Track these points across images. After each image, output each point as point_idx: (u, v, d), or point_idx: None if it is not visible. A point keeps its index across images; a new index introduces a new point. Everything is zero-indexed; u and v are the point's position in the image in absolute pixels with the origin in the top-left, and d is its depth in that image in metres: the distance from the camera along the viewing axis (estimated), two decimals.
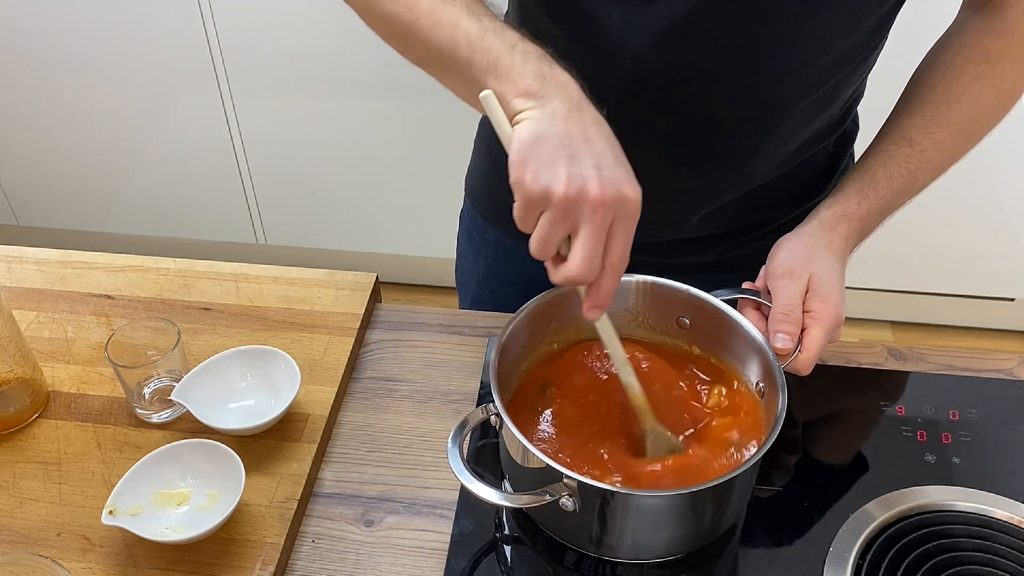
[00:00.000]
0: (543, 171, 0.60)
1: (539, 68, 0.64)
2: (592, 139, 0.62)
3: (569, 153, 0.61)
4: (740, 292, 0.80)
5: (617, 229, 0.62)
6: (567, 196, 0.60)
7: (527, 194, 0.61)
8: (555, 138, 0.61)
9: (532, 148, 0.61)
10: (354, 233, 2.25)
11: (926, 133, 0.81)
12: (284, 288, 0.99)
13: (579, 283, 0.63)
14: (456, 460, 0.67)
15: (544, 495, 0.65)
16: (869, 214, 0.82)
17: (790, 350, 0.74)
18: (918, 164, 0.82)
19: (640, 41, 0.76)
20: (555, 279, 0.64)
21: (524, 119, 0.63)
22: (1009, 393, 0.87)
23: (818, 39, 0.76)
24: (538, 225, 0.62)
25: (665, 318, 0.81)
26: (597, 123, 0.64)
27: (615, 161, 0.62)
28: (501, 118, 0.64)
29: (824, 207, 0.83)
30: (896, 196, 0.82)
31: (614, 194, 0.61)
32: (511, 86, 0.64)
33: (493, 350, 0.72)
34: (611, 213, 0.61)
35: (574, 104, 0.63)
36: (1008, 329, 2.22)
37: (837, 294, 0.77)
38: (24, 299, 0.98)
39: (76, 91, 2.05)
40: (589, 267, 0.62)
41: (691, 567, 0.73)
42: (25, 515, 0.76)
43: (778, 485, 0.78)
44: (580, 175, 0.60)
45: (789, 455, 0.82)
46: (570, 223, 0.61)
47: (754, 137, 0.83)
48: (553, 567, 0.74)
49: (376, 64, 1.90)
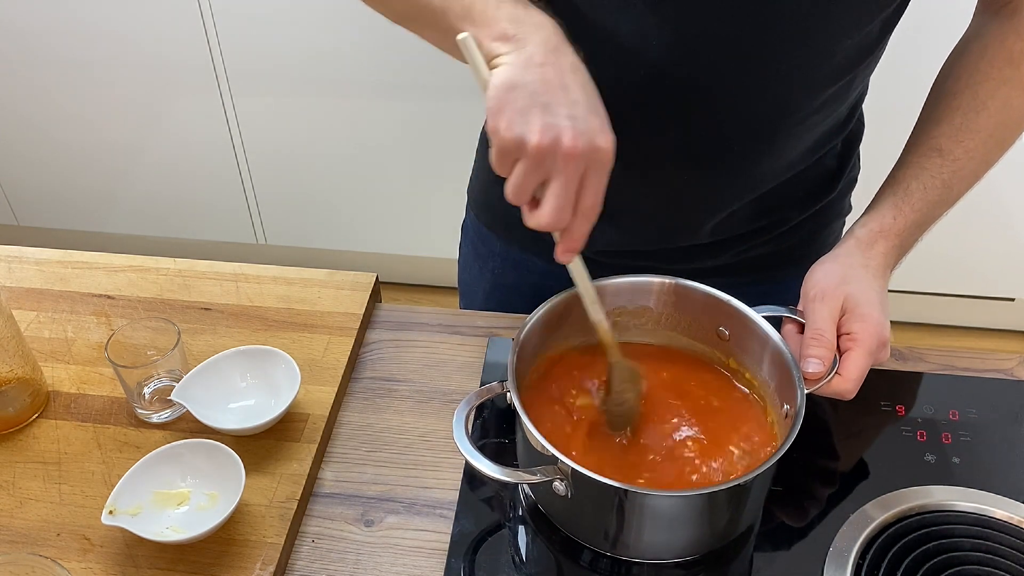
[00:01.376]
0: (517, 120, 0.61)
1: (513, 11, 0.64)
2: (568, 86, 0.62)
3: (544, 102, 0.61)
4: (784, 310, 0.79)
5: (589, 178, 0.63)
6: (540, 146, 0.60)
7: (501, 142, 0.61)
8: (530, 85, 0.61)
9: (507, 95, 0.61)
10: (354, 233, 2.25)
11: (956, 142, 0.80)
12: (284, 288, 0.99)
13: (551, 229, 0.64)
14: (460, 430, 0.68)
15: (536, 474, 0.67)
16: (906, 228, 0.80)
17: (821, 375, 0.73)
18: (951, 174, 0.80)
19: (653, 50, 0.76)
20: (528, 223, 0.65)
21: (500, 63, 0.63)
22: (1009, 393, 0.87)
23: (829, 40, 0.76)
24: (512, 173, 0.63)
25: (706, 325, 0.81)
26: (574, 68, 0.64)
27: (589, 110, 0.63)
28: (479, 62, 0.64)
29: (859, 225, 0.82)
30: (932, 208, 0.81)
31: (586, 144, 0.61)
32: (486, 30, 0.64)
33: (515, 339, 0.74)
34: (583, 163, 0.61)
35: (551, 47, 0.63)
36: (1008, 329, 2.22)
37: (877, 313, 0.75)
38: (24, 299, 0.98)
39: (76, 91, 2.05)
40: (560, 215, 0.63)
41: (698, 568, 0.73)
42: (25, 515, 0.76)
43: (778, 485, 0.78)
44: (553, 125, 0.60)
45: (789, 455, 0.81)
46: (543, 172, 0.62)
47: (767, 140, 0.83)
48: (556, 564, 0.74)
49: (376, 64, 1.90)
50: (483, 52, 0.64)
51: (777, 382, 0.76)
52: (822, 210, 0.95)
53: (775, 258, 0.96)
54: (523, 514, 0.77)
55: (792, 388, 0.72)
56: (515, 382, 0.70)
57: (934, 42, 0.87)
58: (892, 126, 1.02)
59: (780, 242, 0.94)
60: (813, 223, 0.95)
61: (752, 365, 0.79)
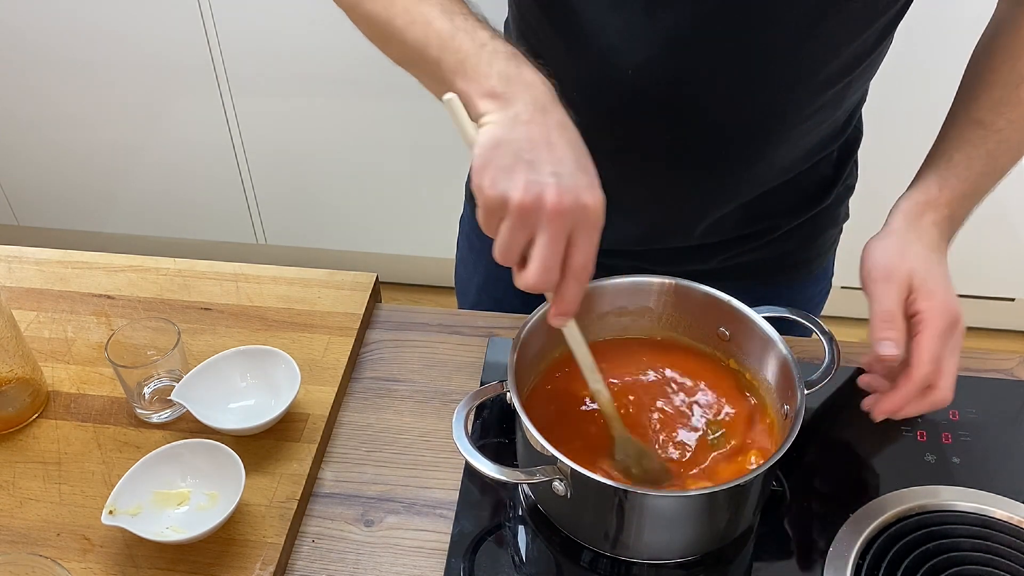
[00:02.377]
0: (501, 178, 0.60)
1: (506, 68, 0.63)
2: (554, 144, 0.61)
3: (529, 159, 0.60)
4: (785, 311, 0.79)
5: (578, 237, 0.61)
6: (523, 204, 0.59)
7: (486, 200, 0.60)
8: (516, 143, 0.60)
9: (492, 153, 0.60)
10: (354, 233, 2.25)
11: (998, 113, 0.78)
12: (284, 288, 0.99)
13: (538, 291, 0.62)
14: (460, 430, 0.68)
15: (536, 474, 0.66)
16: (954, 199, 0.77)
17: (897, 356, 0.71)
18: (996, 144, 0.78)
19: (642, 51, 0.75)
20: (517, 284, 0.63)
21: (487, 122, 0.62)
22: (1009, 393, 0.87)
23: (825, 46, 0.75)
24: (499, 232, 0.61)
25: (706, 325, 0.81)
26: (561, 126, 0.62)
27: (576, 167, 0.61)
28: (465, 122, 0.63)
29: (904, 199, 0.79)
30: (979, 180, 0.78)
31: (572, 202, 0.59)
32: (476, 86, 0.63)
33: (515, 339, 0.74)
34: (569, 221, 0.60)
35: (539, 106, 0.62)
36: (1008, 329, 2.22)
37: (943, 290, 0.72)
38: (24, 299, 0.98)
39: (76, 91, 2.05)
40: (545, 276, 0.61)
41: (697, 569, 0.73)
42: (25, 515, 0.76)
43: (778, 485, 0.78)
44: (537, 182, 0.59)
45: (789, 455, 0.81)
46: (528, 230, 0.60)
47: (759, 145, 0.82)
48: (556, 565, 0.74)
49: (376, 64, 1.88)
50: (472, 109, 0.63)
51: (777, 383, 0.76)
52: (816, 217, 0.94)
53: (767, 264, 0.95)
54: (523, 514, 0.77)
55: (792, 389, 0.72)
56: (515, 382, 0.70)
57: (937, 49, 0.87)
58: (892, 133, 1.01)
59: (772, 248, 0.94)
60: (806, 230, 0.95)
61: (752, 366, 0.79)
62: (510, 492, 0.79)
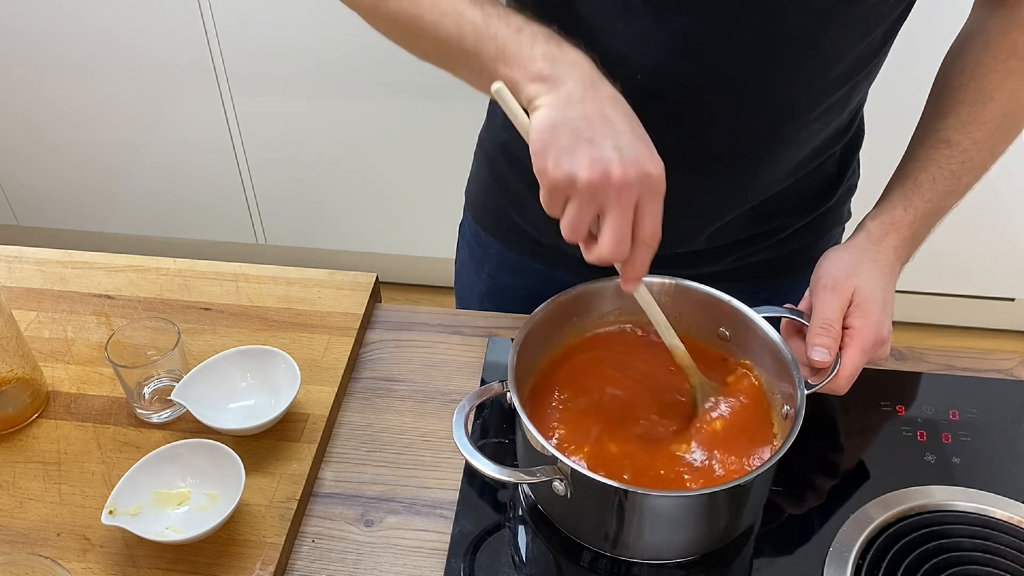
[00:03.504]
0: (564, 158, 0.60)
1: (548, 49, 0.64)
2: (610, 118, 0.62)
3: (588, 137, 0.61)
4: (784, 311, 0.79)
5: (644, 205, 0.62)
6: (591, 181, 0.60)
7: (551, 182, 0.61)
8: (573, 123, 0.61)
9: (551, 136, 0.61)
10: (354, 233, 2.25)
11: (964, 133, 0.80)
12: (284, 288, 0.99)
13: (612, 262, 0.64)
14: (460, 430, 0.68)
15: (536, 474, 0.67)
16: (917, 220, 0.80)
17: (828, 363, 0.73)
18: (960, 164, 0.80)
19: (651, 56, 0.75)
20: (589, 259, 0.64)
21: (539, 105, 0.62)
22: (1009, 393, 0.87)
23: (832, 48, 0.76)
24: (566, 211, 0.62)
25: (706, 326, 0.81)
26: (613, 100, 0.63)
27: (635, 138, 0.62)
28: (516, 109, 0.63)
29: (870, 218, 0.82)
30: (942, 199, 0.81)
31: (636, 173, 0.61)
32: (521, 71, 0.63)
33: (515, 339, 0.74)
34: (636, 192, 0.61)
35: (588, 83, 0.63)
36: (1008, 329, 2.22)
37: (879, 311, 0.75)
38: (24, 299, 0.98)
39: (76, 91, 2.05)
40: (619, 247, 0.63)
41: (698, 569, 0.73)
42: (25, 515, 0.76)
43: (778, 485, 0.78)
44: (601, 158, 0.60)
45: (789, 455, 0.81)
46: (596, 206, 0.61)
47: (767, 148, 0.82)
48: (556, 565, 0.74)
49: (376, 64, 1.90)
50: (521, 95, 0.63)
51: (777, 383, 0.76)
52: (821, 217, 0.94)
53: (773, 264, 0.95)
54: (523, 514, 0.77)
55: (792, 389, 0.72)
56: (515, 382, 0.70)
57: (936, 48, 0.87)
58: (892, 132, 1.02)
59: (778, 249, 0.94)
60: (811, 230, 0.95)
61: (752, 366, 0.79)
62: (510, 492, 0.79)
